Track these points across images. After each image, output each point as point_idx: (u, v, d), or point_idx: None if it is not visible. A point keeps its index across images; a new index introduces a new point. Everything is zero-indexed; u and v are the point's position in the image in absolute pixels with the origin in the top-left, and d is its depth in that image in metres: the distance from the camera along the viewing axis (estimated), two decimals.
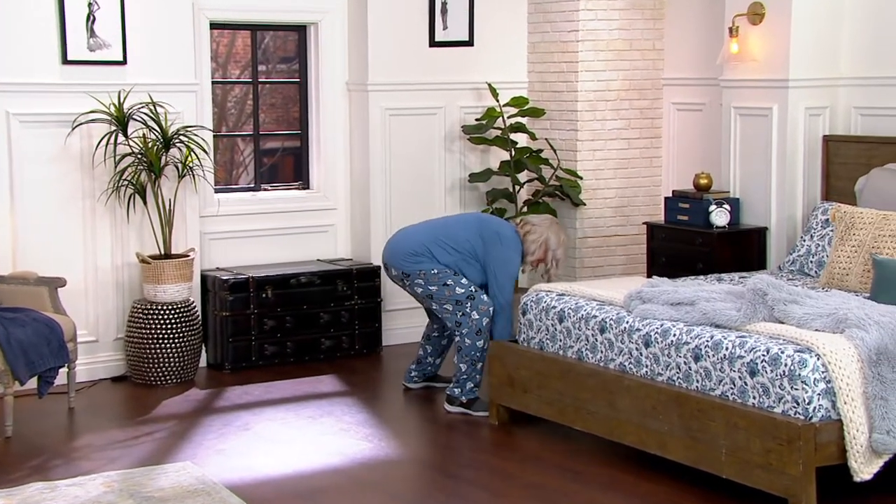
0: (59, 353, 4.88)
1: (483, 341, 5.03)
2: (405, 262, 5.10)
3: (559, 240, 5.14)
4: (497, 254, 5.04)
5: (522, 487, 4.15)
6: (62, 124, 5.44)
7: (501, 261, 5.04)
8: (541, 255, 5.11)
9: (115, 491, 4.05)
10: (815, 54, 5.49)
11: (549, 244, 5.10)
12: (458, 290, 5.03)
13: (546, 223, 5.14)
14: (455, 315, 5.04)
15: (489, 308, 5.04)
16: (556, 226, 5.17)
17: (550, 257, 5.13)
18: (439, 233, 5.12)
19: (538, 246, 5.09)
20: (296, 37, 6.41)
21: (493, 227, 5.11)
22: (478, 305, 5.03)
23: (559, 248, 5.13)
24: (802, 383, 3.77)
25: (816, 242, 5.20)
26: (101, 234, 5.62)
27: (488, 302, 5.05)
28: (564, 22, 6.41)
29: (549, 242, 5.10)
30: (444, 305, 5.06)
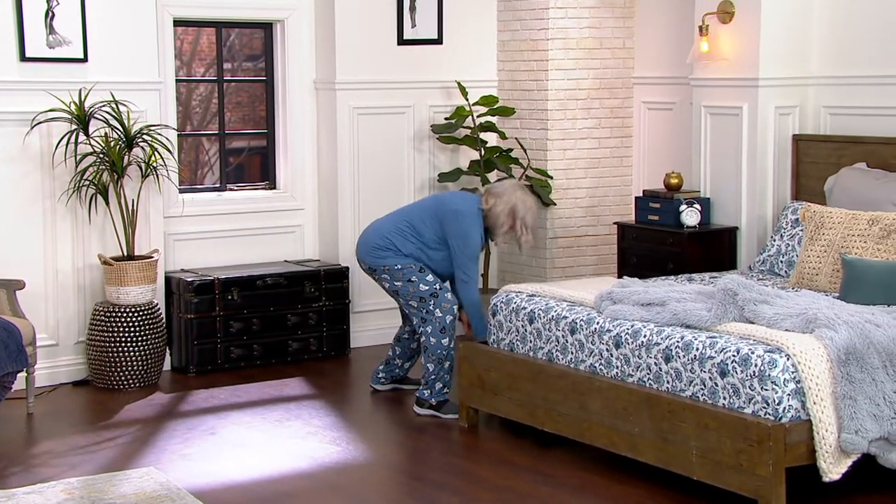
0: (18, 358, 4.77)
1: (448, 339, 4.98)
2: (371, 256, 5.05)
3: (526, 205, 5.00)
4: (454, 232, 4.93)
5: (492, 490, 4.11)
6: (21, 123, 5.33)
7: (459, 238, 4.93)
8: (510, 223, 5.00)
9: (76, 498, 3.97)
10: (784, 53, 5.49)
11: (515, 212, 4.97)
12: (423, 287, 4.97)
13: (510, 190, 5.01)
14: (420, 312, 4.99)
15: (452, 306, 4.99)
16: (522, 191, 5.04)
17: (519, 224, 4.99)
18: (401, 222, 5.05)
19: (506, 216, 4.97)
20: (262, 34, 6.33)
21: (449, 205, 5.00)
22: (441, 303, 4.97)
23: (527, 213, 4.99)
24: (772, 384, 3.75)
25: (786, 242, 5.20)
26: (61, 236, 5.51)
27: (452, 300, 5.00)
28: (534, 20, 6.37)
29: (516, 209, 4.97)
30: (410, 302, 5.01)
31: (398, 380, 5.41)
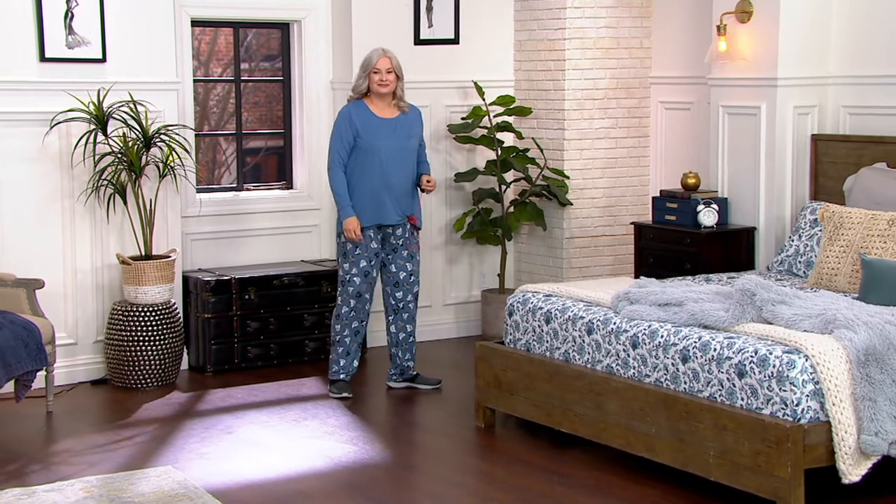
0: (37, 356, 4.80)
1: (340, 326, 5.28)
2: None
3: (366, 55, 5.21)
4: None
5: (508, 490, 4.10)
6: (40, 123, 5.36)
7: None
8: (362, 79, 5.17)
9: (95, 496, 3.98)
10: (803, 53, 5.46)
11: (363, 59, 5.21)
12: (340, 272, 5.30)
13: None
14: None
15: (349, 299, 5.23)
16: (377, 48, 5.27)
17: (360, 73, 5.18)
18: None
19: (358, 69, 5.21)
20: (279, 34, 6.35)
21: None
22: (342, 294, 5.26)
23: (367, 59, 5.18)
24: (791, 384, 3.73)
25: (805, 242, 5.17)
26: (80, 235, 5.53)
27: (351, 294, 5.22)
28: (551, 20, 6.36)
29: (361, 64, 5.20)
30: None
31: (410, 378, 5.41)
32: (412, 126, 5.28)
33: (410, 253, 5.31)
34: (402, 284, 5.31)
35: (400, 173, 5.20)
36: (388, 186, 5.18)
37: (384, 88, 5.16)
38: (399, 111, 5.25)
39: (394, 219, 5.22)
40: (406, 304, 5.34)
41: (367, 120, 5.16)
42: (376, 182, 5.17)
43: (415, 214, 5.30)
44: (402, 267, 5.30)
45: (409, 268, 5.31)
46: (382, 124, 5.18)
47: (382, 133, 5.16)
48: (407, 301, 5.34)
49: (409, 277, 5.31)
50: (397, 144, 5.19)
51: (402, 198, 5.23)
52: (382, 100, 5.21)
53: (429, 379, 5.43)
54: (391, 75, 5.17)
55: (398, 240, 5.28)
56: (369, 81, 5.16)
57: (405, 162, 5.22)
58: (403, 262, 5.30)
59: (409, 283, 5.32)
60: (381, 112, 5.20)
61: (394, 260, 5.29)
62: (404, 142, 5.22)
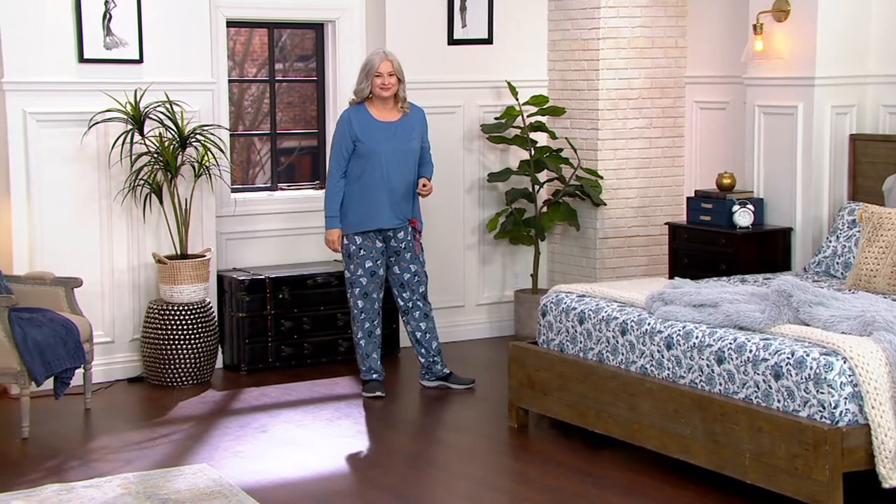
0: (76, 354, 4.85)
1: (356, 328, 5.33)
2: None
3: (367, 57, 5.21)
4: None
5: (541, 491, 4.10)
6: (79, 123, 5.42)
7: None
8: (362, 81, 5.16)
9: (132, 493, 4.02)
10: (841, 51, 5.40)
11: (364, 62, 5.21)
12: (346, 274, 5.32)
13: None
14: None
15: (357, 301, 5.26)
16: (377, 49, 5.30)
17: (361, 76, 5.17)
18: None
19: (359, 73, 5.20)
20: (313, 35, 6.38)
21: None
22: (352, 295, 5.29)
23: (368, 61, 5.16)
24: (829, 387, 3.69)
25: (843, 243, 5.11)
26: (117, 235, 5.59)
27: (357, 295, 5.25)
28: (586, 19, 6.34)
29: (364, 60, 5.22)
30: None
31: (443, 377, 5.42)
32: (413, 127, 5.26)
33: (413, 255, 5.30)
34: (408, 286, 5.33)
35: (400, 177, 5.19)
36: (389, 190, 5.18)
37: (386, 92, 5.15)
38: (401, 113, 5.23)
39: (393, 222, 5.22)
40: (415, 303, 5.35)
41: (367, 124, 5.16)
42: (377, 186, 5.16)
43: (416, 217, 5.29)
44: (405, 269, 5.31)
45: (413, 269, 5.31)
46: (382, 128, 5.17)
47: (382, 137, 5.16)
48: (415, 300, 5.34)
49: (414, 278, 5.32)
50: (397, 147, 5.18)
51: (401, 201, 5.22)
52: (384, 103, 5.19)
53: (462, 378, 5.43)
54: (393, 78, 5.15)
55: (399, 243, 5.28)
56: (371, 85, 5.15)
57: (406, 165, 5.21)
58: (407, 263, 5.30)
59: (413, 283, 5.33)
60: (382, 115, 5.19)
61: (397, 262, 5.30)
62: (405, 144, 5.21)
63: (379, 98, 5.18)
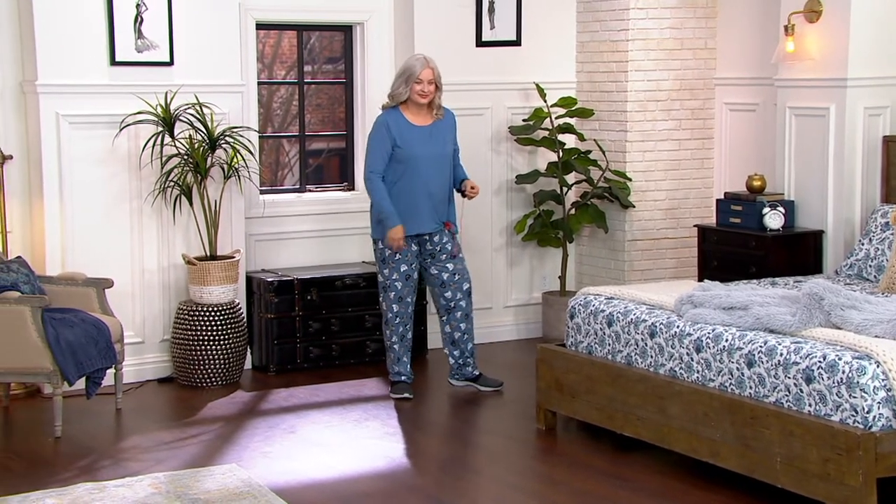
0: (107, 354, 4.90)
1: (389, 332, 5.33)
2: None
3: (409, 62, 5.17)
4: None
5: (570, 494, 4.08)
6: (110, 125, 5.47)
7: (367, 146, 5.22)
8: (401, 85, 5.12)
9: (163, 492, 4.05)
10: (875, 52, 5.35)
11: (404, 68, 5.15)
12: (379, 278, 5.32)
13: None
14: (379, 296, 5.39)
15: (391, 304, 5.27)
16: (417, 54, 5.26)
17: (401, 81, 5.12)
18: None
19: (397, 83, 5.15)
20: (342, 37, 6.40)
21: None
22: (386, 298, 5.29)
23: (409, 66, 5.13)
24: (861, 391, 3.65)
25: (876, 246, 5.06)
26: (147, 236, 5.64)
27: (393, 299, 5.25)
28: (614, 21, 6.32)
29: (404, 66, 5.16)
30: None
31: (472, 378, 5.41)
32: (447, 131, 5.26)
33: (451, 255, 5.30)
34: (449, 284, 5.30)
35: (438, 181, 5.18)
36: (428, 195, 5.17)
37: (424, 99, 5.14)
38: (434, 118, 5.22)
39: (431, 227, 5.22)
40: (457, 303, 5.33)
41: (404, 129, 5.15)
42: (416, 191, 5.16)
43: (451, 220, 5.28)
44: (443, 269, 5.29)
45: (452, 267, 5.29)
46: (419, 132, 5.16)
47: (420, 141, 5.15)
48: (457, 299, 5.32)
49: (454, 276, 5.30)
50: (435, 152, 5.17)
51: (439, 205, 5.22)
52: (419, 108, 5.19)
53: (491, 380, 5.42)
54: (432, 86, 5.14)
55: (435, 246, 5.27)
56: (410, 91, 5.13)
57: (443, 169, 5.20)
58: (443, 264, 5.29)
59: (454, 281, 5.31)
60: (416, 120, 5.18)
61: (433, 264, 5.29)
62: (441, 148, 5.20)
63: (415, 103, 5.17)
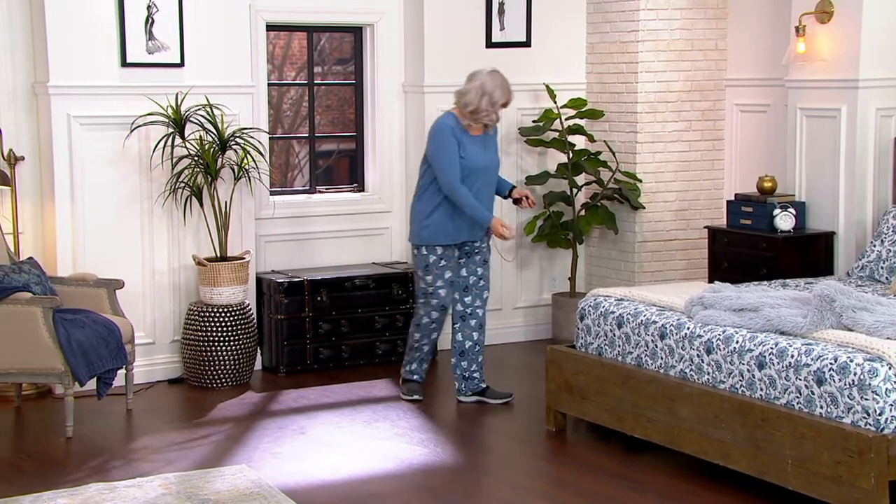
0: (118, 355, 4.91)
1: (420, 335, 5.29)
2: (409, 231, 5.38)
3: (496, 82, 5.02)
4: (430, 150, 5.09)
5: (579, 496, 4.08)
6: (121, 126, 5.49)
7: (430, 146, 5.08)
8: (477, 101, 5.01)
9: (173, 493, 4.06)
10: (886, 53, 5.33)
11: (484, 89, 5.01)
12: (421, 284, 5.24)
13: (485, 71, 5.10)
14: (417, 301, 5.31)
15: (430, 311, 5.21)
16: (495, 72, 5.07)
17: (486, 102, 5.00)
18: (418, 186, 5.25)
19: (475, 94, 5.02)
20: (352, 38, 6.41)
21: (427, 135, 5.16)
22: (425, 305, 5.23)
23: (496, 89, 5.00)
24: (873, 393, 3.64)
25: (888, 248, 5.04)
26: (158, 237, 5.65)
27: (434, 307, 5.20)
28: (624, 22, 6.31)
29: (485, 87, 5.01)
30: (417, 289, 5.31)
31: (479, 392, 5.32)
32: (495, 142, 5.24)
33: (484, 258, 5.29)
34: (472, 289, 5.27)
35: (487, 190, 5.15)
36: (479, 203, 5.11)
37: (491, 123, 5.11)
38: (485, 129, 5.17)
39: (478, 234, 5.21)
40: (474, 311, 5.29)
41: (465, 138, 5.07)
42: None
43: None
44: (472, 272, 5.28)
45: (480, 272, 5.28)
46: (476, 142, 5.11)
47: (476, 152, 5.10)
48: (475, 306, 5.28)
49: (479, 282, 5.28)
50: (488, 163, 5.14)
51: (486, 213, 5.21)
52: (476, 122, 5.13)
53: (499, 393, 5.33)
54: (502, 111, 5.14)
55: (473, 246, 5.26)
56: (483, 111, 5.01)
57: (491, 179, 5.18)
58: (475, 266, 5.27)
59: (478, 287, 5.28)
60: (472, 130, 5.12)
61: (466, 264, 5.27)
62: (493, 158, 5.18)
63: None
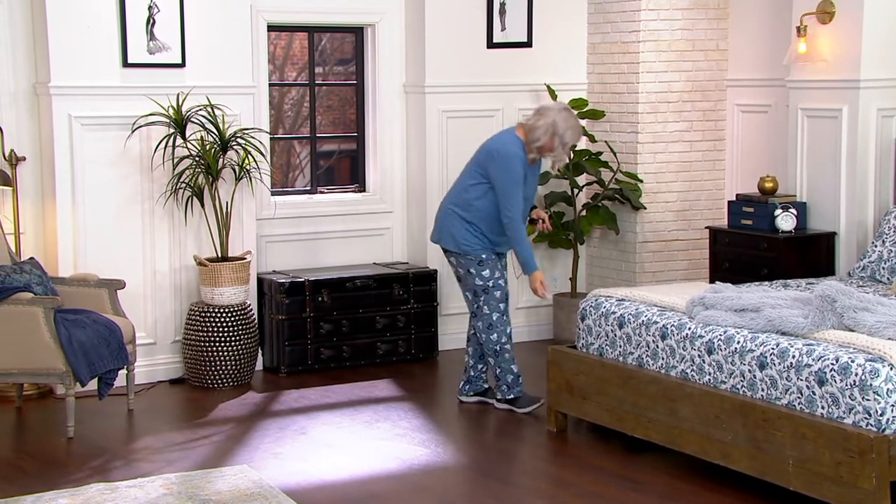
0: (119, 355, 4.91)
1: (497, 335, 5.06)
2: (439, 235, 5.15)
3: (568, 123, 4.96)
4: (494, 173, 4.97)
5: (580, 496, 4.08)
6: (122, 127, 5.49)
7: (499, 177, 4.94)
8: (547, 140, 4.95)
9: (174, 493, 4.06)
10: (888, 53, 5.33)
11: (556, 127, 4.93)
12: (478, 282, 5.06)
13: (557, 107, 5.03)
14: (472, 305, 5.12)
15: (499, 304, 5.04)
16: (567, 111, 5.02)
17: (557, 142, 4.95)
18: (456, 189, 5.11)
19: (544, 131, 4.94)
20: (353, 38, 6.41)
21: (487, 146, 5.05)
22: (490, 301, 5.05)
23: (568, 130, 4.94)
24: (875, 394, 3.64)
25: (889, 248, 5.04)
26: (159, 237, 5.65)
27: (500, 298, 5.05)
28: (625, 22, 6.31)
29: (557, 126, 4.93)
30: (466, 293, 5.14)
31: (482, 392, 5.32)
32: (538, 170, 5.20)
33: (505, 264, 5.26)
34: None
35: (526, 211, 5.12)
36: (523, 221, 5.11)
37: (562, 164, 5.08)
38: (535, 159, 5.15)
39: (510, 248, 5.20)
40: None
41: (526, 167, 5.03)
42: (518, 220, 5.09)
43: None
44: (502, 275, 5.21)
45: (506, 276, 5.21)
46: (530, 170, 5.07)
47: (531, 179, 5.09)
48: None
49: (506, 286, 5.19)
50: (533, 193, 5.15)
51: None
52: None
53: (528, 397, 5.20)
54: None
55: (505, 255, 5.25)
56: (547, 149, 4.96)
57: (529, 206, 5.16)
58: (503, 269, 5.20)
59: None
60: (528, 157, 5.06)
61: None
62: (536, 185, 5.19)
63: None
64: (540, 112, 5.00)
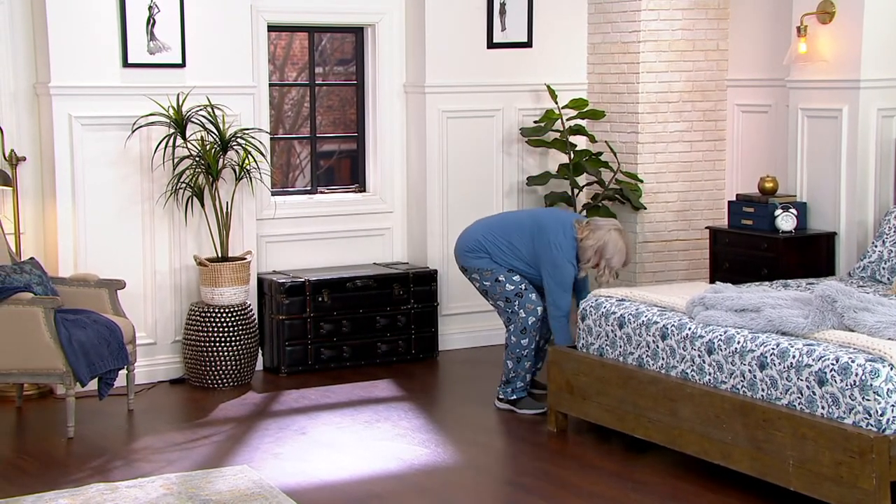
0: (119, 355, 4.91)
1: (528, 340, 5.05)
2: (464, 257, 5.15)
3: (616, 247, 4.95)
4: (548, 262, 4.96)
5: (580, 496, 4.08)
6: (123, 127, 5.49)
7: (552, 267, 4.95)
8: (595, 261, 5.00)
9: (174, 493, 4.06)
10: (888, 53, 5.33)
11: (604, 252, 4.95)
12: (509, 287, 5.03)
13: (607, 227, 4.99)
14: (506, 312, 5.09)
15: (536, 307, 5.03)
16: (618, 232, 4.99)
17: (604, 264, 4.98)
18: (497, 233, 5.11)
19: (593, 252, 4.96)
20: (353, 38, 6.41)
21: (547, 235, 4.99)
22: (525, 304, 5.03)
23: (615, 255, 4.96)
24: (875, 394, 3.63)
25: (889, 248, 5.04)
26: (159, 237, 5.65)
27: (536, 301, 5.04)
28: (626, 22, 6.31)
29: (605, 250, 4.95)
30: (497, 301, 5.11)
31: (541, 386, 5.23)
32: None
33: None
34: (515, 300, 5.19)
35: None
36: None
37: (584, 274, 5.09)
38: None
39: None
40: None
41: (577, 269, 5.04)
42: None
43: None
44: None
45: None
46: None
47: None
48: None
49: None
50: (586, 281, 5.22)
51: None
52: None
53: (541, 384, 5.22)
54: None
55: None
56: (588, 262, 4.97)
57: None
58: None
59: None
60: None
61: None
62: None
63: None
64: (593, 227, 4.97)
